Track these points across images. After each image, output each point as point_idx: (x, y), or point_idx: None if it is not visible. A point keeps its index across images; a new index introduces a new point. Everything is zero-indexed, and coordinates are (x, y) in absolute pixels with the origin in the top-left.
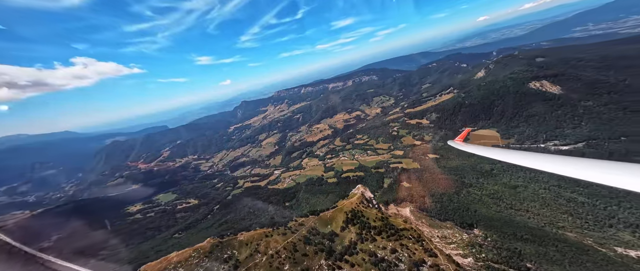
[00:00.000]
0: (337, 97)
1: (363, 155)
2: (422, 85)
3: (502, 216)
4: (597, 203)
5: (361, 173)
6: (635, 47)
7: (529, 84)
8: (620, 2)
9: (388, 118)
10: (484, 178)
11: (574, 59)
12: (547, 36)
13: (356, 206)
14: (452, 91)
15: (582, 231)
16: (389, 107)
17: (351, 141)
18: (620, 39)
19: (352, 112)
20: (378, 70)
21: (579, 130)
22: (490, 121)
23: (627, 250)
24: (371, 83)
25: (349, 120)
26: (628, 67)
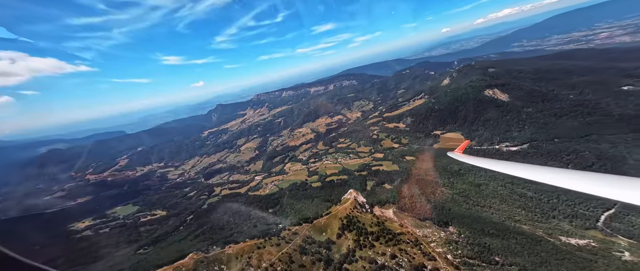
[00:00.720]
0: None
1: (346, 159)
2: (398, 91)
3: (471, 213)
4: (542, 197)
5: (345, 177)
6: (557, 62)
7: (484, 92)
8: (545, 23)
9: (368, 122)
10: (453, 178)
11: (516, 70)
12: (494, 49)
13: (351, 212)
14: (423, 97)
15: (533, 224)
16: (368, 111)
17: (334, 145)
18: (546, 55)
19: (334, 116)
20: (357, 75)
21: (523, 133)
22: (456, 125)
23: (568, 238)
24: (351, 87)
25: (331, 124)
26: (554, 79)
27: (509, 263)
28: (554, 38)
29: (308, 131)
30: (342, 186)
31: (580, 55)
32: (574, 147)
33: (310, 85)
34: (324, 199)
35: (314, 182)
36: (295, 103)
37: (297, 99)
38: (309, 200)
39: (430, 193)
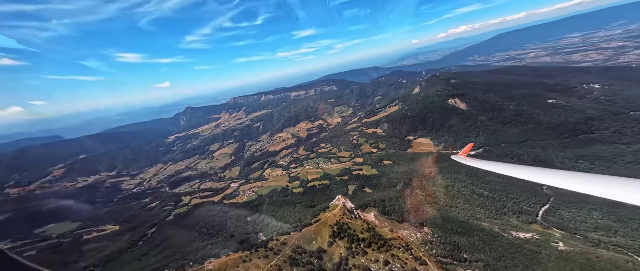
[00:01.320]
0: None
1: (327, 164)
2: (375, 98)
3: (442, 214)
4: (495, 196)
5: (327, 182)
6: (501, 76)
7: (448, 101)
8: (491, 42)
9: (348, 128)
10: (426, 180)
11: (471, 82)
12: (454, 62)
13: (341, 219)
14: (398, 104)
15: (491, 221)
16: (348, 117)
17: (315, 150)
18: (492, 70)
19: (315, 121)
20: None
21: (479, 139)
22: (426, 131)
23: (518, 233)
24: (332, 93)
25: (313, 129)
26: (499, 91)
27: (475, 259)
28: (497, 55)
29: (289, 136)
30: (325, 191)
31: (517, 71)
32: (516, 151)
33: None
34: (307, 205)
35: (296, 187)
36: (275, 107)
37: (277, 103)
38: (291, 206)
39: (407, 196)
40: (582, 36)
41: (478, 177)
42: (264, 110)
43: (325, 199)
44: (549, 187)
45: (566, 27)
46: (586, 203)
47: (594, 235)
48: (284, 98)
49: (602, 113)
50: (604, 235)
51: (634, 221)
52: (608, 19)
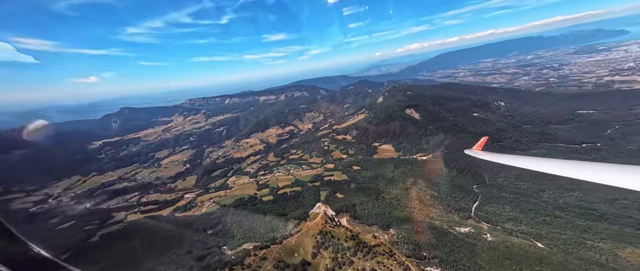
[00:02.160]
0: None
1: (298, 170)
2: (344, 105)
3: (404, 215)
4: (442, 196)
5: (298, 188)
6: (442, 91)
7: (405, 111)
8: (435, 60)
9: (319, 134)
10: (390, 184)
11: (422, 95)
12: (409, 75)
13: (323, 227)
14: (364, 112)
15: (440, 219)
16: (319, 123)
17: (286, 156)
18: (436, 85)
19: (286, 126)
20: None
21: (429, 146)
22: (388, 138)
23: (459, 228)
24: (303, 99)
25: (283, 135)
26: (441, 104)
27: (432, 256)
28: (439, 72)
29: (257, 142)
30: (296, 198)
31: (453, 87)
32: (454, 156)
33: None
34: (278, 213)
35: (265, 195)
36: (242, 111)
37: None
38: (260, 215)
39: (374, 200)
40: (492, 61)
41: (430, 179)
42: (229, 114)
43: (298, 206)
44: (480, 185)
45: (482, 53)
46: (500, 198)
47: (507, 225)
48: (251, 101)
49: (507, 125)
50: (513, 225)
51: (532, 211)
52: (507, 49)
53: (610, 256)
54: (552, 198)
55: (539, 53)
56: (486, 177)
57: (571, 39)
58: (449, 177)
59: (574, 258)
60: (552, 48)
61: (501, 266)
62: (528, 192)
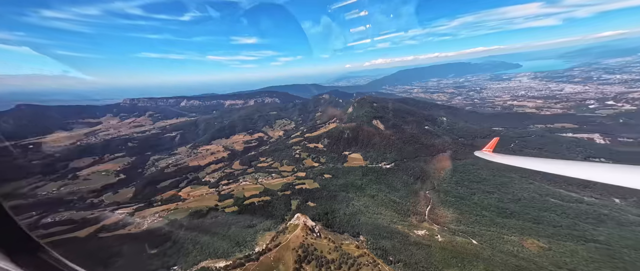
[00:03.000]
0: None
1: (268, 178)
2: (316, 113)
3: (372, 221)
4: (402, 201)
5: (267, 198)
6: (401, 105)
7: (372, 121)
8: (395, 75)
9: (291, 141)
10: (359, 192)
11: (386, 107)
12: (374, 88)
13: (304, 240)
14: (335, 121)
15: (402, 223)
16: (290, 131)
17: (254, 164)
18: (396, 99)
19: (254, 133)
20: (281, 93)
21: (391, 155)
22: (358, 147)
23: (417, 231)
24: (274, 105)
25: (251, 142)
26: (401, 117)
27: (397, 260)
28: (399, 87)
29: (220, 149)
30: (266, 208)
31: (410, 102)
32: (412, 165)
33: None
34: (246, 225)
35: (229, 206)
36: (202, 115)
37: (205, 111)
38: (223, 228)
39: (345, 207)
40: (436, 81)
41: (392, 186)
42: (184, 118)
43: (267, 216)
44: (429, 184)
45: (430, 72)
46: (445, 202)
47: (451, 226)
48: (215, 105)
49: (448, 138)
50: (456, 226)
51: (467, 212)
52: (447, 71)
53: (519, 247)
54: (479, 200)
55: (467, 77)
56: (435, 184)
57: (487, 67)
58: (407, 183)
59: (498, 251)
60: (476, 73)
61: (450, 265)
62: (464, 195)
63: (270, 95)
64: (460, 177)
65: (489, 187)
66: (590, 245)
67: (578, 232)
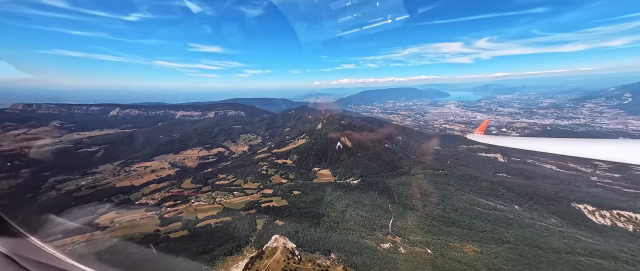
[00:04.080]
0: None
1: (228, 197)
2: (284, 128)
3: (342, 237)
4: (369, 215)
5: (228, 218)
6: (366, 123)
7: (341, 138)
8: (359, 95)
9: (257, 157)
10: (329, 208)
11: (352, 125)
12: (341, 106)
13: (286, 265)
14: (305, 137)
15: (370, 238)
16: (257, 146)
17: (211, 182)
18: (359, 117)
19: (213, 148)
20: (246, 106)
21: (359, 171)
22: (327, 163)
23: (383, 244)
24: (239, 118)
25: (208, 157)
26: (366, 135)
27: None
28: (363, 106)
29: (165, 165)
30: (225, 230)
31: (373, 121)
32: (376, 180)
33: (176, 108)
34: (199, 251)
35: (175, 231)
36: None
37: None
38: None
39: (315, 225)
40: (392, 103)
41: (359, 201)
42: (114, 129)
43: (227, 239)
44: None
45: (387, 95)
46: (404, 214)
47: (410, 237)
48: (161, 116)
49: (403, 156)
50: (414, 236)
51: (422, 224)
52: (400, 94)
53: (461, 253)
54: (429, 211)
55: (414, 101)
56: (395, 197)
57: (428, 93)
58: (373, 198)
59: (447, 258)
60: (421, 98)
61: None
62: (416, 206)
63: (234, 107)
64: (414, 191)
65: (435, 199)
66: (506, 246)
67: (497, 235)
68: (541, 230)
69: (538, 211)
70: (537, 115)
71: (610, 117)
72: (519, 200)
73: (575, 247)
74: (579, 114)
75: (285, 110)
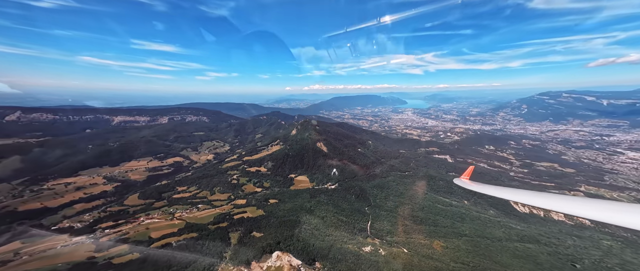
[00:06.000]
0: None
1: (192, 211)
2: (256, 135)
3: (325, 244)
4: (349, 220)
5: (193, 234)
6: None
7: (316, 144)
8: (330, 101)
9: (225, 166)
10: (309, 215)
11: (327, 130)
12: (314, 112)
13: None
14: (279, 143)
15: (352, 242)
16: (224, 154)
17: (167, 196)
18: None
19: (167, 157)
20: (210, 111)
21: (335, 176)
22: (303, 169)
23: (364, 248)
24: (201, 124)
25: (162, 169)
26: (340, 140)
27: None
28: (334, 112)
29: (97, 181)
30: (190, 248)
31: (345, 126)
32: (353, 184)
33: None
34: None
35: (120, 255)
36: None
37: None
38: None
39: (297, 233)
40: (360, 109)
41: (338, 206)
42: (14, 139)
43: (194, 258)
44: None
45: (356, 101)
46: (380, 216)
47: (388, 238)
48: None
49: (374, 159)
50: (391, 237)
51: (397, 224)
52: (367, 101)
53: (431, 250)
54: (402, 211)
55: (379, 108)
56: (371, 200)
57: (390, 101)
58: (351, 202)
59: (421, 256)
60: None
61: None
62: (391, 208)
63: (195, 112)
64: (387, 192)
65: (405, 199)
66: (464, 239)
67: (456, 230)
68: (486, 222)
69: (481, 204)
70: (469, 122)
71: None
72: (467, 195)
73: (511, 234)
74: (496, 121)
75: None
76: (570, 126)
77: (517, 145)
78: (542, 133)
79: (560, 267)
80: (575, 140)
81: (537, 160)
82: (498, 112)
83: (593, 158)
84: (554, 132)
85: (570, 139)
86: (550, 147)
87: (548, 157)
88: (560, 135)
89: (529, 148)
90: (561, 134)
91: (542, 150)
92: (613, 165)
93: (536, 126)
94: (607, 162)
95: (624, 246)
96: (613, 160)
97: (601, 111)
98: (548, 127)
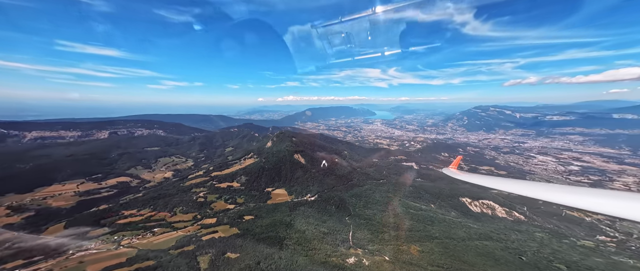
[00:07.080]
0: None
1: (145, 237)
2: (226, 148)
3: (309, 259)
4: (330, 232)
5: (150, 262)
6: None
7: (294, 156)
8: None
9: (188, 183)
10: (289, 229)
11: (304, 142)
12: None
13: None
14: (253, 156)
15: (335, 255)
16: (186, 170)
17: (108, 222)
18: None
19: (107, 178)
20: (168, 124)
21: (315, 187)
22: (281, 182)
23: (347, 259)
24: (155, 139)
25: (98, 191)
26: (316, 151)
27: None
28: (309, 123)
29: None
30: None
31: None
32: (332, 195)
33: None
34: None
35: None
36: None
37: None
38: None
39: (278, 250)
40: (335, 120)
41: (319, 218)
42: None
43: None
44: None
45: (330, 112)
46: (361, 225)
47: (369, 247)
48: None
49: (351, 169)
50: (372, 246)
51: (376, 232)
52: (340, 112)
53: (410, 255)
54: (380, 218)
55: (352, 119)
56: (351, 210)
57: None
58: (331, 213)
59: (401, 262)
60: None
61: None
62: (370, 216)
63: (147, 125)
64: (365, 201)
65: (381, 207)
66: (435, 242)
67: (428, 233)
68: (450, 223)
69: (444, 207)
70: (427, 132)
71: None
72: (433, 199)
73: (471, 234)
74: (446, 131)
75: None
76: (498, 135)
77: (464, 151)
78: (479, 141)
79: (512, 261)
80: (502, 146)
81: (480, 164)
82: (447, 123)
83: (516, 162)
84: (488, 140)
85: (499, 146)
86: (487, 153)
87: (486, 162)
88: (491, 142)
89: (473, 154)
90: (492, 142)
91: (482, 156)
92: (530, 167)
93: (475, 135)
94: (526, 164)
95: (551, 237)
96: (530, 162)
97: (516, 122)
98: (483, 135)
